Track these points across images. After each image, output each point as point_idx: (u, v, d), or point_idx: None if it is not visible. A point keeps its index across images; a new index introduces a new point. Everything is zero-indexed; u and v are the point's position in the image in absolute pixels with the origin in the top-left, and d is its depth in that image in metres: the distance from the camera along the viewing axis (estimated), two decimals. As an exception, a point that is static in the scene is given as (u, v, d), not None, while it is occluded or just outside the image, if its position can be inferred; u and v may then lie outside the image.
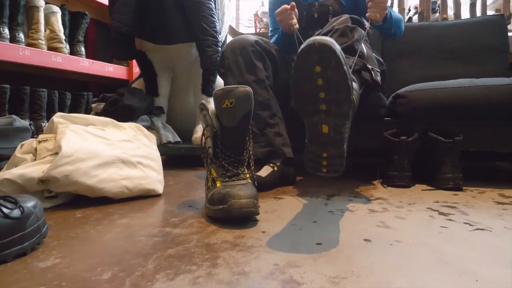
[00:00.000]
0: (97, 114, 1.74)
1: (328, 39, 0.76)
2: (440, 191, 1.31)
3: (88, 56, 2.88)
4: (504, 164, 2.01)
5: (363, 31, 1.19)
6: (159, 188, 1.17)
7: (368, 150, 1.66)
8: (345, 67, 0.76)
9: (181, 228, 0.83)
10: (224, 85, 1.37)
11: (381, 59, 1.41)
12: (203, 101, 1.04)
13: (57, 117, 1.13)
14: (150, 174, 1.15)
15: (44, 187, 0.98)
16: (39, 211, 0.71)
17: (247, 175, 0.96)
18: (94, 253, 0.68)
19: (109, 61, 2.68)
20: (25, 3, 2.26)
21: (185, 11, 1.64)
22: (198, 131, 1.84)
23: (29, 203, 0.70)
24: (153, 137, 1.29)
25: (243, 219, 0.87)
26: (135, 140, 1.18)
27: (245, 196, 0.84)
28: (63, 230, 0.81)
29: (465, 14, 2.31)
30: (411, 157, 1.39)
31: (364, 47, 1.17)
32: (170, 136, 1.78)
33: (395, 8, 2.41)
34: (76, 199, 1.05)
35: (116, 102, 1.61)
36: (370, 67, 1.13)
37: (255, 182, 0.99)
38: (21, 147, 1.07)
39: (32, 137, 1.42)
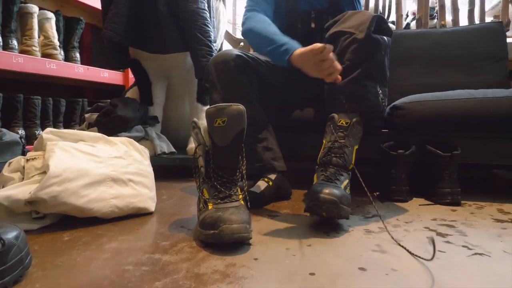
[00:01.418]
0: (90, 124, 1.71)
1: (335, 194, 0.95)
2: (438, 205, 1.29)
3: (83, 61, 2.85)
4: (502, 172, 1.98)
5: (386, 40, 1.13)
6: (151, 205, 1.14)
7: (365, 160, 1.64)
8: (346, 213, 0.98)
9: (171, 254, 0.81)
10: (209, 101, 1.32)
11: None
12: (195, 119, 1.01)
13: (47, 133, 1.11)
14: (142, 192, 1.13)
15: (32, 208, 0.95)
16: (22, 241, 0.68)
17: (240, 196, 0.94)
18: (79, 286, 0.66)
19: (105, 66, 2.65)
20: (19, 10, 2.23)
21: (179, 20, 1.62)
22: (193, 141, 1.82)
23: (11, 234, 0.67)
24: (145, 152, 1.26)
25: (236, 244, 0.85)
26: (126, 156, 1.15)
27: (237, 221, 0.82)
28: (49, 257, 0.79)
29: (463, 20, 2.28)
30: (409, 171, 1.36)
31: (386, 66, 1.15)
32: (165, 146, 1.76)
33: (393, 15, 2.39)
34: (64, 219, 1.03)
35: (109, 113, 1.58)
36: (383, 102, 1.13)
37: (248, 204, 0.96)
38: (9, 165, 1.05)
39: (23, 149, 1.40)
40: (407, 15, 2.50)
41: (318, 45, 1.02)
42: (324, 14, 1.39)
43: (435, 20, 2.31)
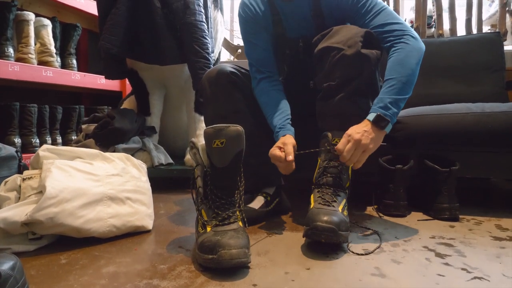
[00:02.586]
0: (87, 135, 1.70)
1: (333, 222, 0.94)
2: (436, 221, 1.29)
3: (80, 67, 2.84)
4: (500, 181, 1.99)
5: (376, 54, 1.11)
6: (149, 223, 1.14)
7: (363, 173, 1.64)
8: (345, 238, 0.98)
9: (169, 279, 0.80)
10: (204, 116, 1.32)
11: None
12: (193, 139, 1.00)
13: (43, 151, 1.10)
14: (139, 210, 1.12)
15: (28, 230, 0.95)
16: (18, 271, 0.68)
17: (239, 216, 0.94)
18: (76, 318, 0.65)
19: (102, 73, 2.63)
20: (15, 17, 2.21)
21: (177, 32, 1.61)
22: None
23: (7, 265, 0.66)
24: (143, 167, 1.26)
25: (234, 268, 0.84)
26: (124, 174, 1.15)
27: (236, 246, 0.81)
28: (45, 283, 0.78)
29: (461, 29, 2.29)
30: (407, 185, 1.36)
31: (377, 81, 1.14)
32: (162, 157, 1.75)
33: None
34: (61, 238, 1.02)
35: (106, 125, 1.57)
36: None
37: (246, 224, 0.96)
38: (5, 184, 1.04)
39: (19, 164, 1.39)
40: (405, 23, 2.50)
41: (276, 155, 1.12)
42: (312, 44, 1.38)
43: (433, 29, 2.31)
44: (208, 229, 0.89)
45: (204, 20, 1.60)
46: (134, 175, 1.18)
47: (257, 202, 1.26)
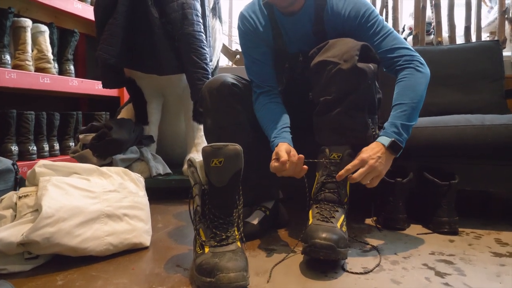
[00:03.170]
0: (84, 145, 1.69)
1: (332, 239, 0.94)
2: (436, 234, 1.28)
3: (78, 72, 2.82)
4: (498, 192, 1.98)
5: (373, 67, 1.10)
6: (146, 240, 1.13)
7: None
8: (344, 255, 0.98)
9: (166, 303, 0.79)
10: (204, 126, 1.30)
11: (377, 85, 1.34)
12: (191, 156, 0.99)
13: (40, 167, 1.09)
14: (137, 226, 1.11)
15: (24, 249, 0.93)
16: (13, 300, 0.67)
17: (237, 236, 0.93)
18: None
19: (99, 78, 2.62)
20: (12, 24, 2.20)
21: (175, 42, 1.60)
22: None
23: (2, 294, 0.65)
24: (141, 181, 1.24)
25: (232, 291, 0.83)
26: (121, 189, 1.13)
27: (234, 269, 0.80)
28: (41, 308, 0.77)
29: (460, 36, 2.28)
30: (406, 198, 1.36)
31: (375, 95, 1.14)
32: (160, 167, 1.74)
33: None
34: (58, 256, 1.00)
35: (104, 136, 1.56)
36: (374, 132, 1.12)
37: (244, 242, 0.95)
38: (1, 201, 1.03)
39: (16, 177, 1.37)
40: (403, 29, 2.49)
41: (273, 166, 1.10)
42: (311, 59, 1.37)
43: (432, 36, 2.30)
44: (206, 250, 0.89)
45: (202, 30, 1.59)
46: (132, 190, 1.17)
47: (256, 217, 1.25)
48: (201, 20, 1.59)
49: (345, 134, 1.10)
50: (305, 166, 1.09)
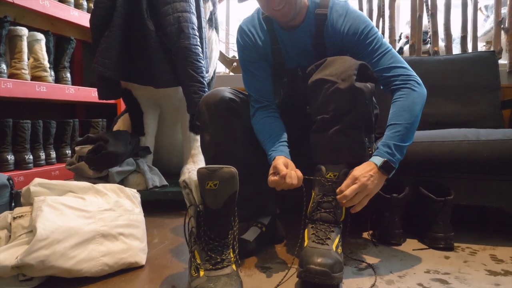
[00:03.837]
0: (80, 157, 1.68)
1: (327, 264, 0.94)
2: (431, 250, 1.29)
3: (75, 78, 2.82)
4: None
5: (370, 87, 1.11)
6: (142, 258, 1.13)
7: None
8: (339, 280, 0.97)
9: (161, 330, 0.79)
10: (201, 141, 1.30)
11: (374, 101, 1.34)
12: (186, 178, 0.99)
13: (35, 186, 1.08)
14: (132, 245, 1.11)
15: (19, 272, 0.93)
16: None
17: (232, 259, 0.93)
18: None
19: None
20: (8, 33, 2.19)
21: (171, 55, 1.59)
22: (186, 173, 1.80)
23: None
24: (136, 197, 1.24)
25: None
26: (116, 207, 1.13)
27: (228, 295, 0.81)
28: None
29: (456, 46, 2.29)
30: (402, 213, 1.36)
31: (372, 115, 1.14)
32: (157, 179, 1.74)
33: (386, 39, 2.38)
34: (52, 278, 1.00)
35: (100, 150, 1.56)
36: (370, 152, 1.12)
37: (240, 264, 0.95)
38: (-5, 221, 1.02)
39: (11, 192, 1.37)
40: (400, 38, 2.49)
41: (271, 180, 1.10)
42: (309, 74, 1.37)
43: (428, 45, 2.31)
44: (201, 273, 0.89)
45: (198, 43, 1.59)
46: (127, 208, 1.16)
47: (252, 233, 1.25)
48: (197, 33, 1.59)
49: (342, 153, 1.10)
50: (300, 174, 1.09)
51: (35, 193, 1.06)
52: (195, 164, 1.85)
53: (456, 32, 2.28)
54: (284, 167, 1.08)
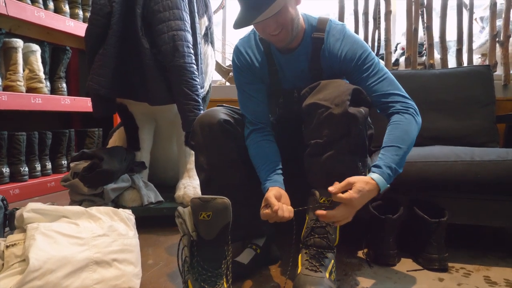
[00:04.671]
0: (75, 174, 1.68)
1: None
2: (425, 271, 1.29)
3: (70, 88, 2.82)
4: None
5: (364, 112, 1.09)
6: (136, 284, 1.12)
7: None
8: None
9: None
10: (195, 162, 1.29)
11: (369, 120, 1.34)
12: (179, 208, 0.99)
13: (28, 212, 1.08)
14: (126, 271, 1.10)
15: (11, 302, 0.93)
16: None
17: (226, 288, 0.93)
18: None
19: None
20: (3, 45, 2.19)
21: (166, 73, 1.59)
22: (181, 188, 1.80)
23: None
24: (131, 219, 1.24)
25: None
26: (110, 232, 1.13)
27: (221, 330, 0.81)
28: None
29: (451, 58, 2.29)
30: (397, 233, 1.36)
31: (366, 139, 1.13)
32: (152, 195, 1.73)
33: (382, 50, 2.39)
34: (46, 306, 1.00)
35: (95, 167, 1.55)
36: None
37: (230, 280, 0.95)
38: (-12, 250, 1.02)
39: (5, 212, 1.36)
40: (396, 49, 2.50)
41: (264, 213, 1.07)
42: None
43: (424, 58, 2.31)
44: (194, 305, 0.89)
45: (193, 61, 1.59)
46: (121, 233, 1.16)
47: (246, 255, 1.25)
48: (192, 51, 1.59)
49: (335, 178, 1.10)
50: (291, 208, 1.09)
51: (28, 219, 1.06)
52: (190, 179, 1.85)
53: (452, 43, 2.29)
54: (276, 201, 1.07)
